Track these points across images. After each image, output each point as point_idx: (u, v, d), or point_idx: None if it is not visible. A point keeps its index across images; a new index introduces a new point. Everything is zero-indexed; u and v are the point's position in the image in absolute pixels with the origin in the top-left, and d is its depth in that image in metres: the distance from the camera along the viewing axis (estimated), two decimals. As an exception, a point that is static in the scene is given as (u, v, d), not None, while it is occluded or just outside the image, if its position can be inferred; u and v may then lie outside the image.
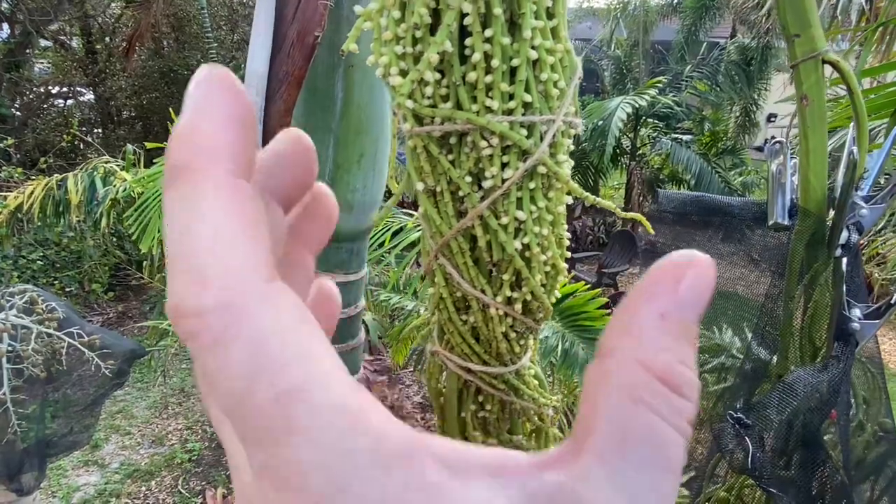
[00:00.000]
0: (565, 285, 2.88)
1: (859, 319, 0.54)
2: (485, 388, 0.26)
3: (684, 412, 0.16)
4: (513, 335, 0.24)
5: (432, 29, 0.20)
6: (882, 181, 0.61)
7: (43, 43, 7.06)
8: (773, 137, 0.77)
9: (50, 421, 1.98)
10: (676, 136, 6.84)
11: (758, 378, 0.68)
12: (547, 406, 0.27)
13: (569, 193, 0.23)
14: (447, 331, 0.25)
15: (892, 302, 0.53)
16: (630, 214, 0.25)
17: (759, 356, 0.68)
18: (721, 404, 0.94)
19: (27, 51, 6.71)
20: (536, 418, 0.28)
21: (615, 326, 0.17)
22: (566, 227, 0.24)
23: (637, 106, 5.97)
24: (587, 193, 0.23)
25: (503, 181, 0.21)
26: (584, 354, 2.77)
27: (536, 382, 0.27)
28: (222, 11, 6.95)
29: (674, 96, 6.63)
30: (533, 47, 0.21)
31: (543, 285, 0.24)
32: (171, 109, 3.55)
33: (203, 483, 3.67)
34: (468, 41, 0.20)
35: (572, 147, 0.23)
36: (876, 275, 4.37)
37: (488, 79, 0.20)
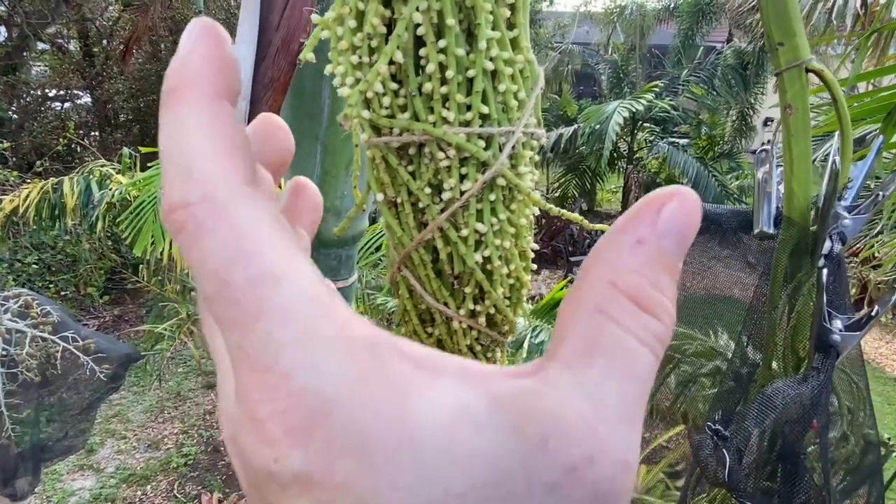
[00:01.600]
0: (563, 288, 2.88)
1: (840, 331, 0.54)
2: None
3: (653, 330, 0.16)
4: (478, 348, 0.24)
5: (389, 38, 0.20)
6: (871, 184, 0.61)
7: (40, 46, 7.05)
8: (768, 141, 0.77)
9: (45, 425, 1.98)
10: (673, 139, 6.85)
11: (750, 382, 0.68)
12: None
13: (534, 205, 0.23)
14: None
15: (873, 314, 0.53)
16: (598, 226, 0.25)
17: (751, 359, 0.67)
18: (716, 408, 0.94)
19: (24, 54, 6.71)
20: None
21: (593, 252, 0.17)
22: (531, 239, 0.24)
23: (634, 110, 5.98)
24: (551, 206, 0.23)
25: (462, 193, 0.21)
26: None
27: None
28: (220, 15, 6.96)
29: (670, 100, 6.64)
30: (490, 59, 0.20)
31: (507, 298, 0.23)
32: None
33: (199, 487, 3.66)
34: (422, 51, 0.20)
35: (536, 158, 0.22)
36: (872, 277, 4.38)
37: (444, 90, 0.20)
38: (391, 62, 0.20)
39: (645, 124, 6.97)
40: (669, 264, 0.17)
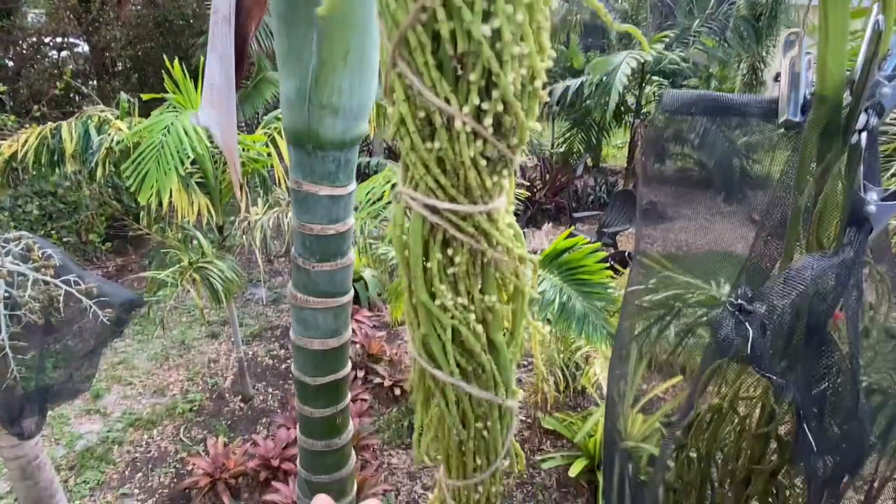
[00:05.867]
0: (567, 238, 2.85)
1: (876, 202, 0.51)
2: (452, 233, 0.23)
3: None
4: (483, 163, 0.21)
5: None
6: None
7: (34, -10, 6.88)
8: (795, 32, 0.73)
9: (51, 371, 2.00)
10: (682, 93, 6.71)
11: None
12: (523, 260, 0.24)
13: None
14: (409, 163, 0.21)
15: (911, 184, 0.50)
16: (625, 27, 0.22)
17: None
18: (736, 287, 0.94)
19: (18, -1, 6.54)
20: (512, 276, 0.25)
21: None
22: (548, 15, 0.20)
23: (642, 61, 5.83)
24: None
25: None
26: (581, 307, 2.77)
27: (512, 232, 0.24)
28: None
29: (681, 52, 6.47)
30: None
31: (520, 93, 0.20)
32: (165, 58, 3.46)
33: (205, 432, 3.72)
34: None
35: None
36: None
37: None
38: None
39: (653, 77, 6.82)
40: None
